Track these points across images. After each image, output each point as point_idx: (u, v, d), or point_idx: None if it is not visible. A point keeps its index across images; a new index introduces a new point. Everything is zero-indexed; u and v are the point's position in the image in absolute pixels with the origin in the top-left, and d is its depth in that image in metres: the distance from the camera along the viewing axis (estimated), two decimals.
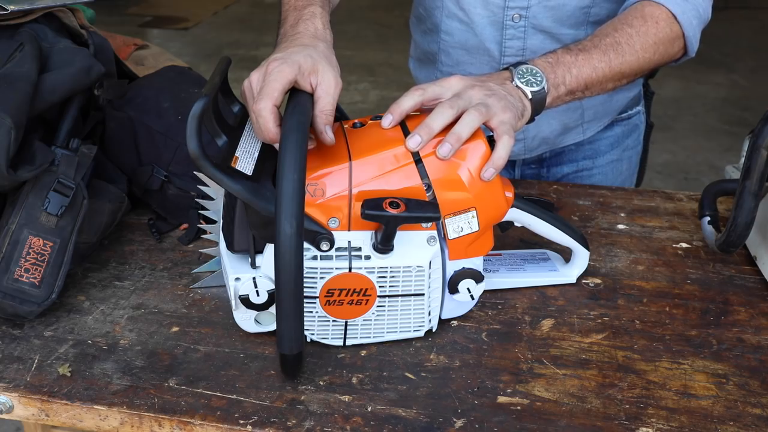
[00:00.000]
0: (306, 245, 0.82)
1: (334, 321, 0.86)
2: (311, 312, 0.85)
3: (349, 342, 0.88)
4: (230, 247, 0.87)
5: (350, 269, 0.83)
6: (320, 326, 0.87)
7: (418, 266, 0.85)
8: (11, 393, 0.83)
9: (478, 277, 0.89)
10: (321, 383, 0.84)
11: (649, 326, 0.93)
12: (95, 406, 0.82)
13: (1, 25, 1.03)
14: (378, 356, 0.88)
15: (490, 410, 0.81)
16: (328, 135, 0.83)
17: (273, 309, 0.85)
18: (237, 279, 0.85)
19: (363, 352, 0.89)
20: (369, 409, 0.81)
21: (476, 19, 1.23)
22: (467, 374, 0.85)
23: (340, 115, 0.92)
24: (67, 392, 0.83)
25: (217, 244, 0.97)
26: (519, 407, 0.81)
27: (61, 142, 0.99)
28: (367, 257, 0.83)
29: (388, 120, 0.88)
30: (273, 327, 0.88)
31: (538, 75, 0.97)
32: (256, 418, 0.79)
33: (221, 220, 0.93)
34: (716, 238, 1.01)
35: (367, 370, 0.86)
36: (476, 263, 0.90)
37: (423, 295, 0.87)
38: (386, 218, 0.80)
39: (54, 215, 0.94)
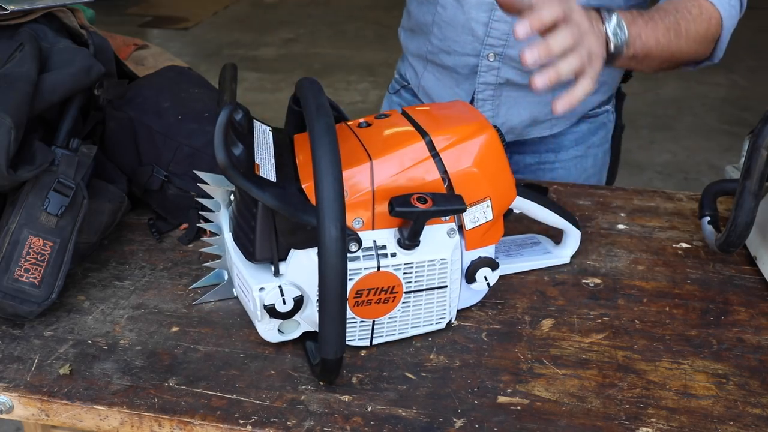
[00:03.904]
0: None
1: (362, 322, 0.86)
2: None
3: (375, 341, 0.88)
4: (251, 257, 0.85)
5: (378, 268, 0.83)
6: (349, 329, 0.85)
7: (441, 259, 0.85)
8: (11, 393, 0.83)
9: (493, 265, 0.91)
10: (321, 383, 0.84)
11: (649, 326, 0.93)
12: (95, 406, 0.82)
13: (1, 25, 1.03)
14: (378, 356, 0.88)
15: (490, 410, 0.81)
16: None
17: (298, 316, 0.85)
18: (261, 289, 0.83)
19: (363, 352, 0.89)
20: (369, 409, 0.81)
21: None
22: (467, 374, 0.85)
23: (339, 116, 0.92)
24: (67, 392, 0.83)
25: (218, 257, 0.96)
26: (519, 407, 0.81)
27: (61, 142, 0.99)
28: (393, 254, 0.83)
29: (524, 30, 0.86)
30: (296, 335, 0.87)
31: (623, 29, 0.98)
32: (256, 418, 0.79)
33: (230, 233, 0.91)
34: (716, 238, 1.01)
35: (367, 370, 0.86)
36: (490, 251, 0.91)
37: (446, 287, 0.87)
38: (416, 214, 0.81)
39: (54, 215, 0.94)
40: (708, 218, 1.07)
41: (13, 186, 0.94)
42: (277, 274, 0.84)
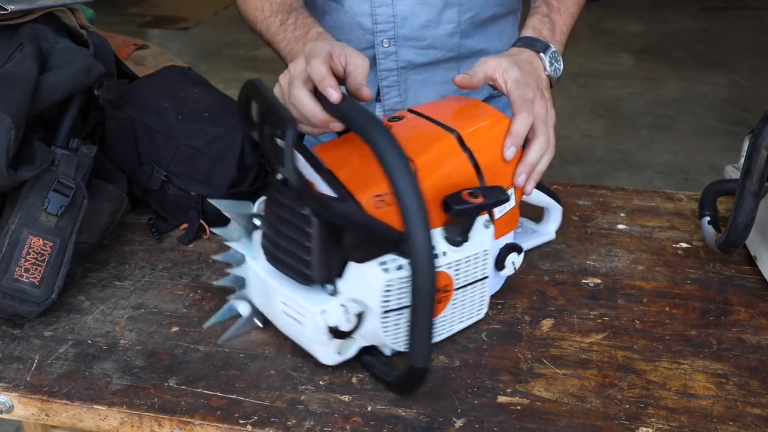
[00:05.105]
0: (391, 257, 0.79)
1: None
2: (398, 324, 0.82)
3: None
4: (307, 279, 0.80)
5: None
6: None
7: (484, 251, 0.86)
8: (11, 393, 0.83)
9: (519, 249, 0.93)
10: (321, 383, 0.84)
11: (649, 326, 0.93)
12: (95, 406, 0.82)
13: (1, 25, 1.03)
14: None
15: (490, 410, 0.81)
16: (366, 90, 0.87)
17: (356, 334, 0.82)
18: (324, 311, 0.79)
19: None
20: (369, 409, 0.81)
21: None
22: (467, 374, 0.85)
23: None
24: (67, 392, 0.83)
25: (233, 291, 0.91)
26: (519, 407, 0.81)
27: (61, 142, 0.99)
28: (444, 253, 0.83)
29: (512, 152, 0.89)
30: (353, 352, 0.84)
31: (559, 59, 1.02)
32: (256, 418, 0.79)
33: (258, 260, 0.85)
34: (716, 238, 1.01)
35: (367, 370, 0.86)
36: (511, 237, 0.93)
37: (486, 278, 0.88)
38: (472, 210, 0.81)
39: (54, 215, 0.94)
40: (708, 218, 1.07)
41: (13, 186, 0.94)
42: (335, 292, 0.80)
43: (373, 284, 0.78)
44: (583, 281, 1.02)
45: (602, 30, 5.49)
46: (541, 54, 1.01)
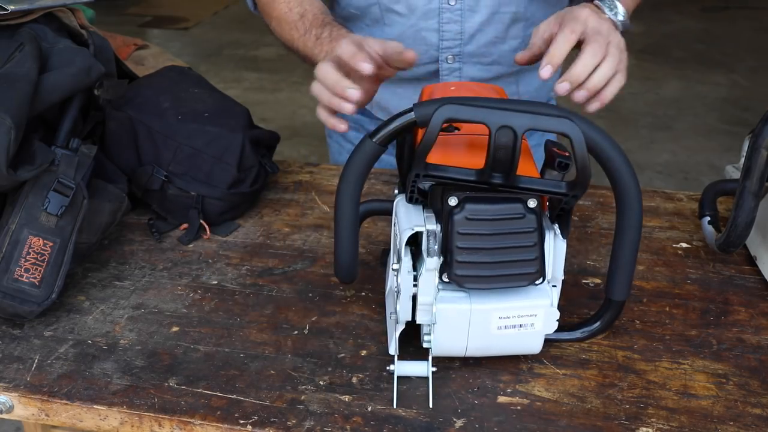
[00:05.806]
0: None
1: None
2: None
3: None
4: (534, 278, 0.80)
5: None
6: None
7: None
8: (11, 393, 0.83)
9: None
10: (321, 383, 0.84)
11: (649, 326, 0.93)
12: (95, 406, 0.82)
13: (1, 25, 1.03)
14: (378, 356, 0.88)
15: (490, 410, 0.81)
16: (410, 52, 0.93)
17: None
18: (551, 303, 0.82)
19: (363, 352, 0.89)
20: (369, 409, 0.81)
21: (413, 7, 1.23)
22: (467, 374, 0.85)
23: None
24: (67, 392, 0.83)
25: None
26: (519, 407, 0.81)
27: (61, 142, 0.99)
28: None
29: (547, 70, 0.89)
30: None
31: (616, 5, 1.04)
32: (256, 418, 0.79)
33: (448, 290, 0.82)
34: (716, 238, 1.01)
35: (367, 370, 0.86)
36: None
37: None
38: (567, 158, 0.84)
39: (54, 215, 0.94)
40: (708, 218, 1.07)
41: (13, 186, 0.94)
42: (543, 279, 0.81)
43: (560, 253, 0.84)
44: (583, 281, 1.02)
45: None
46: (597, 2, 1.04)
